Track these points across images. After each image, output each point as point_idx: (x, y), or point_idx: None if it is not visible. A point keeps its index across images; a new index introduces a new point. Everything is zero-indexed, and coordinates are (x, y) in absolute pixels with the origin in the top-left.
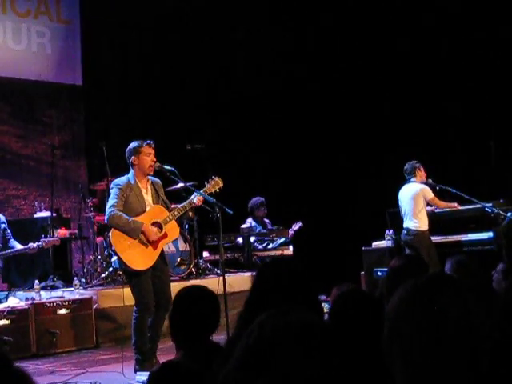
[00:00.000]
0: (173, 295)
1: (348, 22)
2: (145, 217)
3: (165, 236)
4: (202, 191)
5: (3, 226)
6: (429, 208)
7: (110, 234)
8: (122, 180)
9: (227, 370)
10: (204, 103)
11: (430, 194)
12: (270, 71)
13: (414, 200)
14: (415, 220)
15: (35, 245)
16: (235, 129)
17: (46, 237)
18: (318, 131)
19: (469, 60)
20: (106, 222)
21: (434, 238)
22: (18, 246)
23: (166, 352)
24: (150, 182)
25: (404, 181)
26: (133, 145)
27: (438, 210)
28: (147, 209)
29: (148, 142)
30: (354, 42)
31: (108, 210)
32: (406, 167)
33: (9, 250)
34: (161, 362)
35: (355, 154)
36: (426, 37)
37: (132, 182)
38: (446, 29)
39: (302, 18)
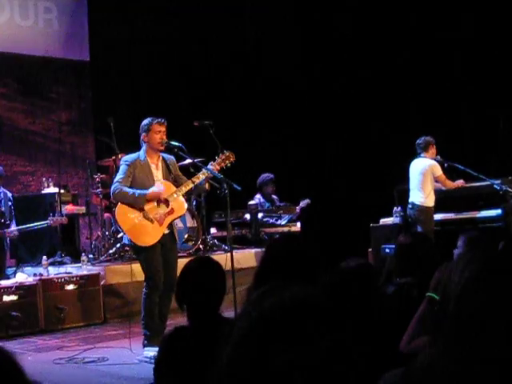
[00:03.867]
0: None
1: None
2: None
3: (171, 212)
4: (211, 165)
5: (10, 203)
6: (438, 185)
7: (115, 210)
8: (130, 157)
9: (228, 351)
10: (212, 78)
11: (439, 171)
12: (279, 48)
13: (423, 175)
14: (422, 195)
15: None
16: (244, 104)
17: (53, 214)
18: (327, 108)
19: (477, 37)
20: (110, 197)
21: (442, 216)
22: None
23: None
24: (161, 158)
25: (414, 156)
26: (144, 122)
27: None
28: (156, 185)
29: (159, 119)
30: (361, 17)
31: (113, 185)
32: (419, 141)
33: (26, 225)
34: None
35: (363, 130)
36: (436, 13)
37: (142, 158)
38: (456, 7)
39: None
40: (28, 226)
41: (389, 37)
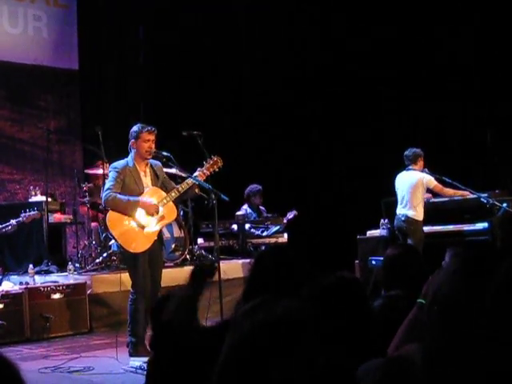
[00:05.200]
0: (167, 280)
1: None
2: None
3: (162, 218)
4: (199, 171)
5: None
6: (438, 199)
7: (107, 217)
8: (119, 163)
9: (218, 369)
10: (201, 88)
11: (433, 182)
12: (267, 53)
13: (414, 188)
14: (414, 208)
15: (15, 221)
16: (232, 115)
17: (25, 211)
18: (314, 119)
19: (466, 46)
20: (102, 204)
21: (429, 228)
22: None
23: None
24: (149, 165)
25: (402, 167)
26: (134, 128)
27: (432, 200)
28: (145, 191)
29: (149, 128)
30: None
31: (104, 192)
32: (407, 153)
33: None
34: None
35: (351, 142)
36: (425, 20)
37: (130, 164)
38: (447, 13)
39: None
40: (2, 226)
41: (381, 44)
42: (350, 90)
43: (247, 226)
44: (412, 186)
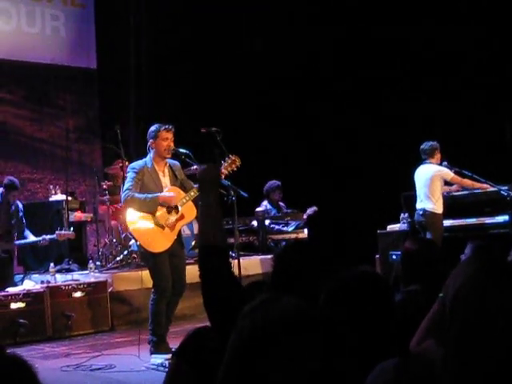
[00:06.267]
0: (188, 277)
1: None
2: None
3: (182, 217)
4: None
5: (21, 214)
6: (458, 193)
7: (126, 217)
8: (137, 164)
9: (224, 364)
10: (218, 85)
11: (450, 174)
12: (287, 51)
13: (432, 181)
14: (432, 202)
15: (47, 237)
16: (251, 111)
17: (61, 228)
18: (334, 114)
19: (483, 39)
20: (122, 204)
21: (449, 222)
22: (31, 237)
23: (178, 335)
24: (167, 164)
25: (420, 161)
26: (152, 128)
27: (453, 193)
28: (164, 190)
29: (166, 126)
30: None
31: (123, 193)
32: (424, 147)
33: (22, 241)
34: (171, 345)
35: (370, 136)
36: (444, 12)
37: (149, 165)
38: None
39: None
40: (35, 239)
41: (394, 38)
42: (366, 84)
43: (267, 221)
44: (430, 179)
